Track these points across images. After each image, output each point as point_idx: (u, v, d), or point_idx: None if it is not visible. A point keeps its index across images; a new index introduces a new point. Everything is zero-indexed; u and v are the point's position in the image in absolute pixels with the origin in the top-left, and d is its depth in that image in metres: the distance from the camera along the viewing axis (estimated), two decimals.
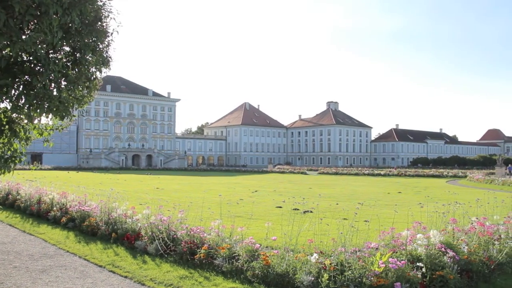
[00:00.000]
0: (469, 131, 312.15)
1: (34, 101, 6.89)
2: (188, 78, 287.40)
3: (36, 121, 8.17)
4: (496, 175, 53.18)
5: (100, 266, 8.67)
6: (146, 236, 9.54)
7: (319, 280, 6.61)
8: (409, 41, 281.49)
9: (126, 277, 7.96)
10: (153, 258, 8.92)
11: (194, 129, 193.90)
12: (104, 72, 8.40)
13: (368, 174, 72.44)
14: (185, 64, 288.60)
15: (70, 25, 6.84)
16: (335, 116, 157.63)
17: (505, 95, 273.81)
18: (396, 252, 7.26)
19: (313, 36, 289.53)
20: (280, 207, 19.85)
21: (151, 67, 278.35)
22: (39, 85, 6.71)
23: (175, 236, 9.11)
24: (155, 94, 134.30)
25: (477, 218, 9.41)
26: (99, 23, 7.58)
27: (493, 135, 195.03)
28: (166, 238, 9.06)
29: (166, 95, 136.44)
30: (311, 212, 17.32)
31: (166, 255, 8.88)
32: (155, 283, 7.54)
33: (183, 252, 8.57)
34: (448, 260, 7.01)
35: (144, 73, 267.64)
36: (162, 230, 9.25)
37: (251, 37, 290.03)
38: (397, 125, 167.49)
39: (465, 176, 56.36)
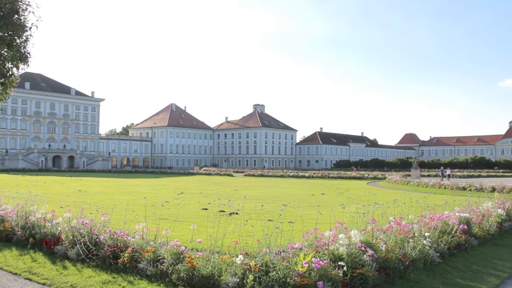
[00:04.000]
0: (388, 135, 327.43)
1: None
2: (113, 77, 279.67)
3: None
4: (411, 176, 55.99)
5: (15, 274, 8.20)
6: (67, 241, 9.16)
7: (244, 281, 6.65)
8: (337, 46, 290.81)
9: (44, 284, 7.59)
10: (74, 263, 8.59)
11: (119, 129, 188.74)
12: (22, 69, 8.00)
13: (293, 176, 73.92)
14: (110, 63, 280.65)
15: None
16: (261, 118, 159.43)
17: (420, 100, 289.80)
18: (319, 252, 7.45)
19: (241, 39, 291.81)
20: (206, 209, 19.81)
21: (75, 65, 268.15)
22: None
23: (97, 239, 8.82)
24: (78, 93, 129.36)
25: (394, 218, 9.89)
26: (16, 16, 7.18)
27: (410, 139, 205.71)
28: (88, 242, 8.75)
29: (90, 95, 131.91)
30: (237, 214, 17.42)
31: (88, 260, 8.57)
32: None
33: (106, 256, 8.32)
34: (368, 259, 7.30)
35: (67, 72, 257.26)
36: (84, 234, 8.92)
37: (178, 38, 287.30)
38: (321, 128, 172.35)
39: (384, 178, 58.91)
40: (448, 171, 60.19)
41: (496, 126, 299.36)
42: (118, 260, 8.14)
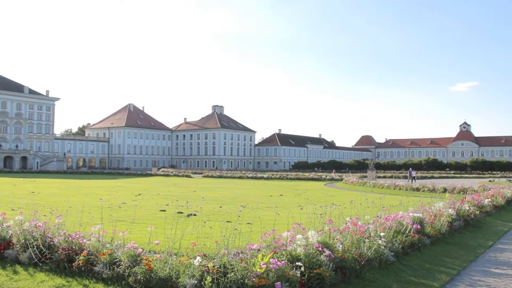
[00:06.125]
0: (346, 137, 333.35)
1: None
2: (69, 77, 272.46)
3: None
4: (368, 178, 57.09)
5: None
6: (18, 244, 8.85)
7: (202, 283, 6.62)
8: (296, 48, 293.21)
9: None
10: (26, 268, 8.31)
11: (74, 130, 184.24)
12: None
13: (252, 178, 74.08)
14: (66, 62, 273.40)
15: None
16: (220, 119, 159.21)
17: (377, 103, 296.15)
18: (277, 253, 7.49)
19: (201, 40, 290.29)
20: (164, 210, 19.61)
21: (28, 63, 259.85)
22: None
23: (51, 243, 8.56)
24: (32, 91, 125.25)
25: (350, 218, 10.07)
26: None
27: (366, 141, 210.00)
28: (41, 246, 8.49)
29: (45, 94, 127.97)
30: (195, 215, 17.34)
31: (41, 264, 8.31)
32: None
33: (60, 260, 8.09)
34: (325, 259, 7.40)
35: (20, 70, 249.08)
36: (36, 237, 8.65)
37: (136, 37, 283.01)
38: (279, 130, 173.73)
39: (341, 179, 59.75)
40: (414, 173, 61.73)
41: (448, 129, 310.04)
42: (73, 264, 7.94)
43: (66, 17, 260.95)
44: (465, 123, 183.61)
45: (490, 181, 52.41)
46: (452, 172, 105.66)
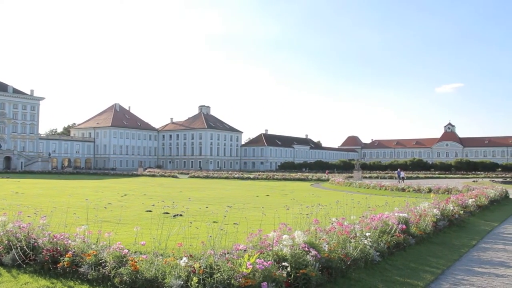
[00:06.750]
0: (332, 137, 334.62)
1: None
2: (54, 76, 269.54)
3: None
4: (354, 178, 57.41)
5: None
6: (1, 246, 8.72)
7: (189, 284, 6.60)
8: (283, 49, 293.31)
9: None
10: (9, 270, 8.20)
11: (60, 129, 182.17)
12: None
13: (238, 178, 74.08)
14: (51, 61, 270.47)
15: None
16: (206, 120, 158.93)
17: (363, 103, 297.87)
18: (263, 253, 7.50)
19: (187, 39, 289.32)
20: (150, 211, 19.52)
21: (13, 63, 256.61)
22: None
23: (35, 244, 8.47)
24: (16, 91, 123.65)
25: (336, 219, 10.11)
26: None
27: (352, 141, 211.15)
28: (25, 247, 8.38)
29: (29, 93, 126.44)
30: (181, 215, 17.30)
31: (25, 265, 8.21)
32: None
33: (45, 261, 8.00)
34: (311, 259, 7.42)
35: (4, 69, 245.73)
36: (20, 238, 8.55)
37: (123, 37, 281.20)
38: (266, 130, 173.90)
39: (328, 180, 60.00)
40: (402, 173, 62.02)
41: (433, 130, 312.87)
42: (58, 265, 7.86)
43: (50, 16, 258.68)
44: (449, 124, 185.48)
45: (474, 181, 53.00)
46: (437, 172, 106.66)
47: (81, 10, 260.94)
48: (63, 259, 7.85)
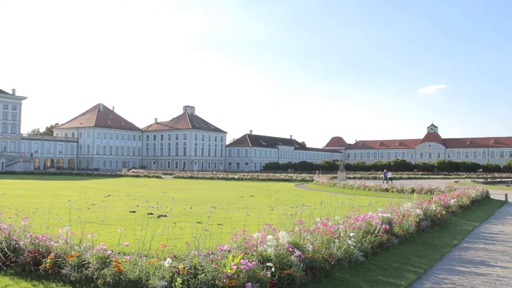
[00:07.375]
0: (316, 138, 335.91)
1: None
2: (37, 75, 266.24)
3: None
4: (338, 179, 57.67)
5: None
6: None
7: (173, 285, 6.58)
8: (269, 50, 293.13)
9: None
10: None
11: (42, 129, 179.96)
12: None
13: (223, 178, 73.93)
14: (33, 60, 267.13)
15: None
16: (191, 120, 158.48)
17: (347, 104, 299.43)
18: (248, 254, 7.51)
19: (172, 39, 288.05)
20: (134, 211, 19.41)
21: None
22: None
23: (16, 245, 8.36)
24: None
25: (320, 219, 10.15)
26: None
27: (336, 142, 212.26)
28: (6, 249, 8.28)
29: (11, 92, 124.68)
30: (165, 216, 17.23)
31: (5, 268, 8.11)
32: None
33: (26, 263, 7.91)
34: (295, 259, 7.45)
35: None
36: (1, 240, 8.42)
37: (107, 36, 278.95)
38: (251, 130, 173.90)
39: (312, 180, 60.19)
40: (389, 174, 62.29)
41: (416, 131, 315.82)
42: (40, 267, 7.77)
43: (32, 15, 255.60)
44: (432, 125, 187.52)
45: (456, 181, 53.60)
46: (420, 173, 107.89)
47: (64, 9, 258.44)
48: (45, 260, 7.77)
